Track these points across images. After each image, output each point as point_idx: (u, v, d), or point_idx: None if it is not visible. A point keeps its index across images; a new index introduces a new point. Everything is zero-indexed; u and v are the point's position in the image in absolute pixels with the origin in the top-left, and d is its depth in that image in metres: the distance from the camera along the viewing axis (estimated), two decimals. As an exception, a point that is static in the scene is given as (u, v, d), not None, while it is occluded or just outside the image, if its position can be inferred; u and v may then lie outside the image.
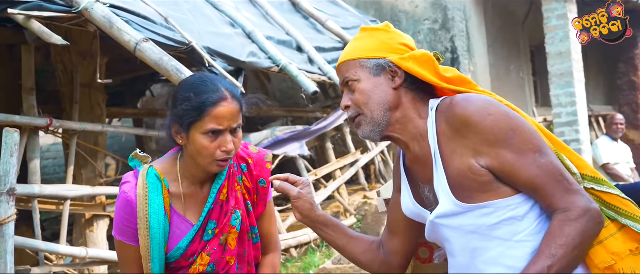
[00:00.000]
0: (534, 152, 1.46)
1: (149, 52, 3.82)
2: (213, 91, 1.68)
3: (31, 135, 4.46)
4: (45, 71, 5.95)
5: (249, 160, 1.85)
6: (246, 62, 4.89)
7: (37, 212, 4.26)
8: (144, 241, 1.71)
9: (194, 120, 1.66)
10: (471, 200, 1.49)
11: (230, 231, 1.78)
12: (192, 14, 4.98)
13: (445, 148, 1.52)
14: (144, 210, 1.70)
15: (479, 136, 1.46)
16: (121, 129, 6.32)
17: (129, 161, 1.81)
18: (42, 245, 4.19)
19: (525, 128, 1.48)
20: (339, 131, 6.80)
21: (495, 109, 1.48)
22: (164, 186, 1.74)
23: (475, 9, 8.03)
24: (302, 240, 5.58)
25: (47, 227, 7.09)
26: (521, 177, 1.46)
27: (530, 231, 1.48)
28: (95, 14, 3.85)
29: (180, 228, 1.76)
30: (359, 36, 1.67)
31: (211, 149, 1.67)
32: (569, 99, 7.08)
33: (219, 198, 1.78)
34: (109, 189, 5.07)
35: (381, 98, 1.57)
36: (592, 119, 10.05)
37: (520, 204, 1.48)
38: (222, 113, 1.67)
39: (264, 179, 1.86)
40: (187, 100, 1.67)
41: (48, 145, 10.59)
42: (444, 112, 1.53)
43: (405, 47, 1.61)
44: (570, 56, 7.04)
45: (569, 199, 1.45)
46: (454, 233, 1.55)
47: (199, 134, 1.67)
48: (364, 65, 1.60)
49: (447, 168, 1.51)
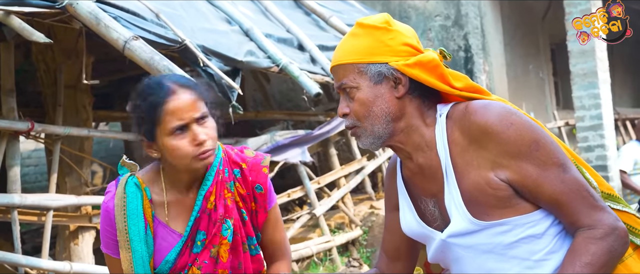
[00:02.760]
0: (557, 166, 1.45)
1: (138, 50, 3.82)
2: (158, 88, 1.69)
3: (11, 140, 4.46)
4: (26, 71, 5.96)
5: (243, 165, 1.84)
6: (243, 61, 4.89)
7: (17, 223, 4.26)
8: (125, 254, 1.71)
9: (153, 125, 1.67)
10: (487, 217, 1.47)
11: (222, 242, 1.77)
12: (185, 10, 4.99)
13: (459, 159, 1.49)
14: (123, 221, 1.71)
15: (500, 146, 1.44)
16: (108, 134, 6.31)
17: (118, 168, 1.81)
18: (23, 259, 4.18)
19: (549, 140, 1.47)
20: (343, 135, 6.80)
21: (517, 118, 1.46)
22: (144, 195, 1.74)
23: (491, 4, 8.03)
24: (304, 253, 5.57)
25: (28, 240, 7.10)
26: (544, 193, 1.45)
27: (550, 248, 1.48)
28: (80, 9, 3.86)
29: (167, 239, 1.76)
30: (356, 32, 1.58)
31: (183, 147, 1.67)
32: (592, 101, 7.06)
33: (206, 206, 1.77)
34: (95, 198, 5.06)
35: (383, 110, 1.53)
36: (619, 122, 10.03)
37: (539, 221, 1.47)
38: (177, 106, 1.67)
39: (260, 185, 1.84)
40: (138, 108, 1.69)
41: (29, 151, 10.61)
42: (458, 119, 1.51)
43: (408, 48, 1.54)
44: (594, 54, 7.02)
45: (595, 216, 1.44)
46: (467, 252, 1.53)
47: (166, 137, 1.67)
48: (363, 72, 1.53)
49: (460, 181, 1.49)
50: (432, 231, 1.59)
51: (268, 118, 8.02)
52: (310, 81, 5.17)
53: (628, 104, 11.56)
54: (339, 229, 6.36)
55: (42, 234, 4.66)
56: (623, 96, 11.50)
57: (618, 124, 9.98)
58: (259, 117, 7.94)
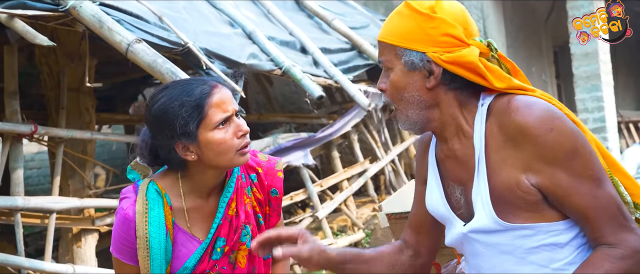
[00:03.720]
0: (592, 179, 1.40)
1: (141, 53, 3.83)
2: (202, 83, 1.69)
3: (14, 143, 4.47)
4: (29, 74, 5.97)
5: (259, 169, 1.85)
6: (246, 64, 4.90)
7: (19, 226, 4.26)
8: (143, 262, 1.70)
9: (199, 119, 1.65)
10: (512, 218, 1.44)
11: (240, 247, 1.77)
12: (188, 13, 5.00)
13: (494, 154, 1.46)
14: (144, 229, 1.69)
15: (536, 150, 1.40)
16: (111, 137, 6.33)
17: (127, 173, 1.80)
18: (25, 262, 4.19)
19: (588, 150, 1.42)
20: (346, 138, 6.80)
21: (560, 122, 1.41)
22: (165, 202, 1.72)
23: (494, 6, 8.03)
24: (307, 257, 5.56)
25: (31, 242, 7.10)
26: (572, 204, 1.41)
27: (570, 260, 1.45)
28: (83, 12, 3.87)
29: (186, 245, 1.75)
30: (402, 11, 1.52)
31: (228, 139, 1.67)
32: (595, 104, 7.05)
33: (228, 213, 1.77)
34: (98, 201, 5.07)
35: (414, 97, 1.51)
36: (622, 125, 10.02)
37: (564, 231, 1.45)
38: (221, 98, 1.68)
39: (276, 189, 1.85)
40: (183, 106, 1.66)
41: (32, 154, 10.62)
42: (500, 113, 1.46)
43: (450, 39, 1.47)
44: (597, 57, 7.02)
45: (620, 236, 1.40)
46: (487, 250, 1.51)
47: (210, 132, 1.66)
48: (399, 55, 1.50)
49: (490, 177, 1.45)
50: (455, 217, 1.57)
51: (271, 121, 8.02)
52: (312, 83, 5.17)
53: (631, 106, 11.54)
54: (341, 232, 6.35)
55: (45, 236, 4.66)
56: (626, 98, 11.48)
57: (621, 126, 9.96)
58: (262, 119, 7.94)
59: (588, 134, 1.49)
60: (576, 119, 1.50)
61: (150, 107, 1.71)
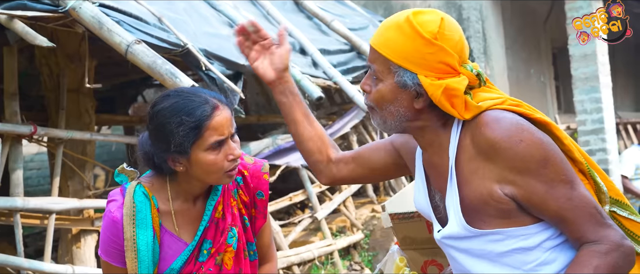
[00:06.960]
0: (565, 183, 1.45)
1: (141, 54, 3.83)
2: (203, 103, 1.67)
3: (13, 144, 4.47)
4: (29, 75, 5.97)
5: (245, 172, 1.86)
6: (246, 65, 4.89)
7: (19, 227, 4.26)
8: (131, 264, 1.71)
9: (194, 140, 1.65)
10: (483, 225, 1.49)
11: (227, 250, 1.78)
12: (187, 14, 5.00)
13: (465, 166, 1.50)
14: (131, 231, 1.70)
15: (508, 162, 1.44)
16: (111, 138, 6.32)
17: (115, 176, 1.81)
18: (25, 263, 4.18)
19: (558, 157, 1.46)
20: (345, 139, 6.80)
21: (528, 134, 1.45)
22: (152, 205, 1.73)
23: (493, 8, 8.04)
24: (306, 257, 5.57)
25: (30, 243, 7.10)
26: (550, 209, 1.45)
27: (541, 261, 1.49)
28: (83, 13, 3.87)
29: (173, 247, 1.76)
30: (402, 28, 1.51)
31: (219, 162, 1.68)
32: (594, 105, 7.05)
33: (215, 216, 1.78)
34: (97, 202, 5.06)
35: (398, 111, 1.54)
36: (620, 126, 10.02)
37: (533, 235, 1.49)
38: (220, 122, 1.67)
39: (262, 192, 1.87)
40: (181, 125, 1.65)
41: (32, 154, 10.61)
42: (472, 128, 1.50)
43: (445, 67, 1.49)
44: (596, 58, 7.02)
45: (601, 232, 1.45)
46: (461, 255, 1.56)
47: (202, 152, 1.67)
48: (392, 70, 1.52)
49: (462, 187, 1.50)
50: (435, 221, 1.63)
51: (270, 122, 8.02)
52: (312, 84, 5.18)
53: (630, 108, 11.54)
54: (340, 233, 6.35)
55: (44, 237, 4.66)
56: (625, 100, 11.49)
57: (619, 128, 9.96)
58: (261, 121, 7.94)
59: (560, 133, 1.53)
60: (544, 118, 1.53)
61: (150, 117, 1.72)
